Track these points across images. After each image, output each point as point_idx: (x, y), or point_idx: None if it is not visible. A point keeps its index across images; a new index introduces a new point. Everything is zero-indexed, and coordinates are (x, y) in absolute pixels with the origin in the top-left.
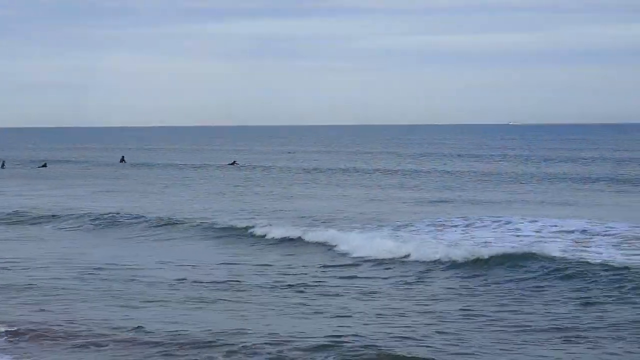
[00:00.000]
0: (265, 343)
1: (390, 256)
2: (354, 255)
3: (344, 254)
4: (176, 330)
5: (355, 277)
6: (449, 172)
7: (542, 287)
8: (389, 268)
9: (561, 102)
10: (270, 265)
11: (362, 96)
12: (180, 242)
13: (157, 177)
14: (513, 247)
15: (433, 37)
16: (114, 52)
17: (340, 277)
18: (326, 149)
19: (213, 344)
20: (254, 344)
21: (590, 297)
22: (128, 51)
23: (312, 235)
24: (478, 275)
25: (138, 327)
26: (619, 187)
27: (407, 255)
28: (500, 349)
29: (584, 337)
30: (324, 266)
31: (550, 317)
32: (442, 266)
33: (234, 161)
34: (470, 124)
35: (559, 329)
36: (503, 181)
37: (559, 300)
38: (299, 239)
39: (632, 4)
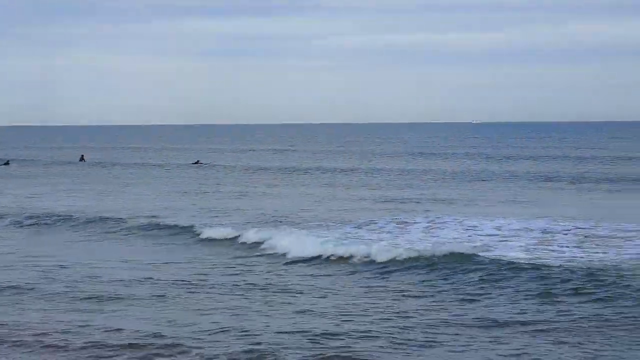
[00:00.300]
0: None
1: (322, 255)
2: (287, 254)
3: (276, 254)
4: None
5: (282, 275)
6: (411, 170)
7: (484, 287)
8: (320, 267)
9: (524, 101)
10: (194, 263)
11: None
12: (112, 241)
13: (115, 176)
14: (466, 245)
15: (398, 36)
16: (81, 51)
17: (268, 274)
18: (293, 147)
19: (135, 345)
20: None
21: (544, 294)
22: (94, 49)
23: (248, 236)
24: (421, 274)
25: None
26: (581, 186)
27: (351, 256)
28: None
29: (544, 331)
30: (245, 264)
31: (491, 314)
32: (377, 265)
33: (198, 160)
34: (433, 123)
35: (490, 327)
36: (465, 179)
37: (502, 298)
38: (236, 238)
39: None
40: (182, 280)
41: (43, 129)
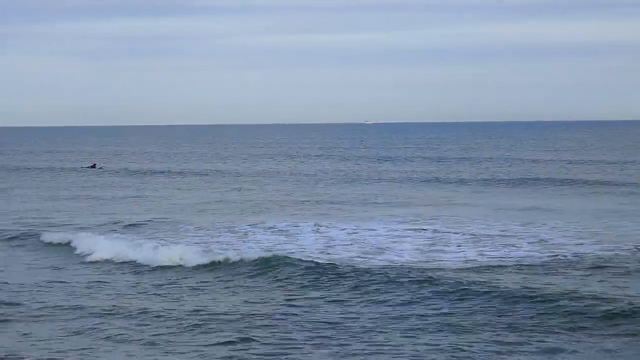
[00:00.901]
0: None
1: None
2: (93, 257)
3: (79, 256)
4: None
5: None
6: (303, 172)
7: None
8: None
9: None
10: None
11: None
12: None
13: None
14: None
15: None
16: None
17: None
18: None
19: None
20: None
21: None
22: None
23: (48, 236)
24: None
25: None
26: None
27: (140, 260)
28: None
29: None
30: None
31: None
32: (173, 270)
33: (94, 164)
34: (326, 124)
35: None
36: (355, 180)
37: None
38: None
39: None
40: None
41: None
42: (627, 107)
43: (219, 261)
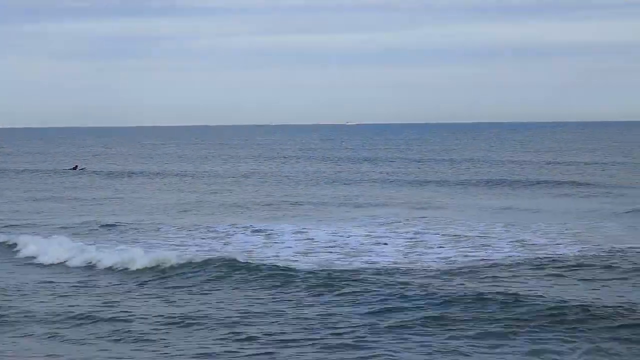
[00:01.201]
0: None
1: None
2: (38, 259)
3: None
4: None
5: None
6: (284, 173)
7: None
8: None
9: (397, 102)
10: None
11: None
12: None
13: None
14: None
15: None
16: None
17: None
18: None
19: None
20: None
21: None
22: None
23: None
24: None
25: None
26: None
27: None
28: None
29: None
30: None
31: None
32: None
33: (76, 165)
34: (307, 125)
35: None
36: (337, 181)
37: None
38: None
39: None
40: None
41: None
42: (627, 108)
43: (162, 264)
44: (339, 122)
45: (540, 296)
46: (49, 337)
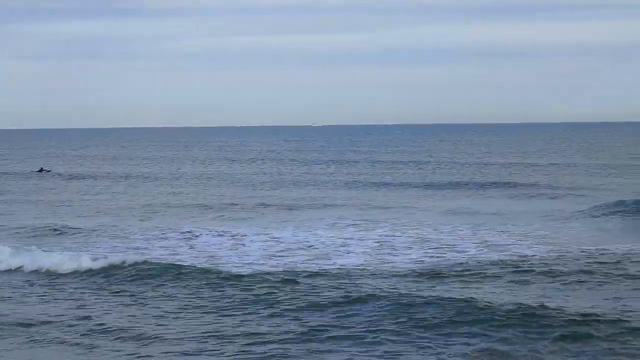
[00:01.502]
0: None
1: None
2: None
3: None
4: None
5: None
6: (250, 174)
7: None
8: None
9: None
10: None
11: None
12: None
13: None
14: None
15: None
16: None
17: None
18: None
19: None
20: None
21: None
22: None
23: None
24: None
25: None
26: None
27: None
28: None
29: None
30: None
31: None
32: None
33: (42, 168)
34: (273, 126)
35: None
36: (302, 183)
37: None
38: None
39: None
40: None
41: None
42: (628, 108)
43: (92, 267)
44: (305, 124)
45: (502, 298)
46: None
